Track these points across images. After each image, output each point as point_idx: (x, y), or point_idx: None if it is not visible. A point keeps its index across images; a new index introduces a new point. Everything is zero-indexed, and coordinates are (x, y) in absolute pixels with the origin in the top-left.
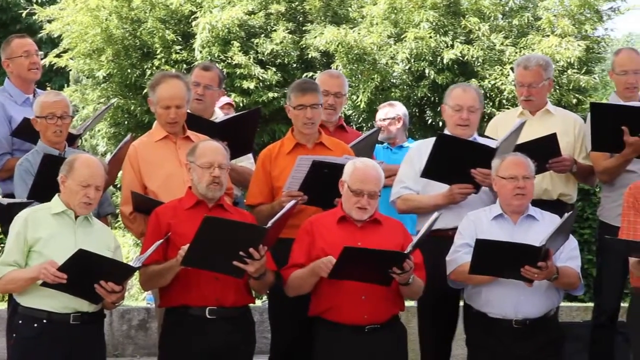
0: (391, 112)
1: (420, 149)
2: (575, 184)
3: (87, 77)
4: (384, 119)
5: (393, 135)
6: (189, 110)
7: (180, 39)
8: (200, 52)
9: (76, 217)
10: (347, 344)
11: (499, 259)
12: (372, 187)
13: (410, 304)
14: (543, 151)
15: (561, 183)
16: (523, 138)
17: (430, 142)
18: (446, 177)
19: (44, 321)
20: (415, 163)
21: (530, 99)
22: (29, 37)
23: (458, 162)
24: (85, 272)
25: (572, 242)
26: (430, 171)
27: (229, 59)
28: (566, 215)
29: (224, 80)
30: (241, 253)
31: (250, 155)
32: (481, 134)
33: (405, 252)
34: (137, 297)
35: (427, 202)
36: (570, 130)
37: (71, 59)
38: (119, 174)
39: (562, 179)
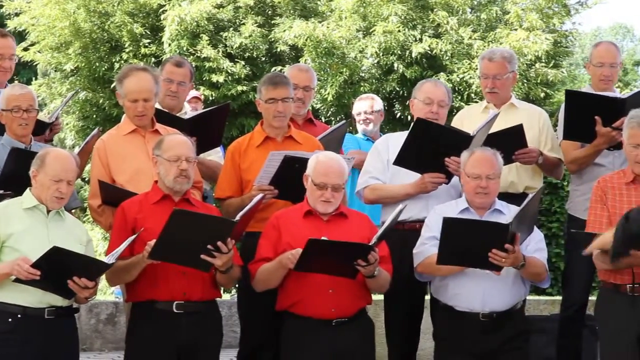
0: (376, 106)
1: (388, 141)
2: (541, 177)
3: (55, 71)
4: (371, 112)
5: (377, 129)
6: (158, 106)
7: (148, 32)
8: (169, 45)
9: (48, 211)
10: (314, 338)
11: (466, 241)
12: (335, 180)
13: (378, 297)
14: (509, 142)
15: (527, 176)
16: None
17: (398, 135)
18: (419, 165)
19: (19, 316)
20: (383, 154)
21: (495, 91)
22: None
23: (432, 150)
24: (59, 268)
25: (538, 235)
26: (404, 158)
27: (198, 52)
28: (531, 194)
29: (194, 75)
30: (209, 246)
31: (219, 149)
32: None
33: (370, 244)
34: (105, 291)
35: (397, 191)
36: (535, 123)
37: (39, 52)
38: (87, 168)
39: (528, 172)
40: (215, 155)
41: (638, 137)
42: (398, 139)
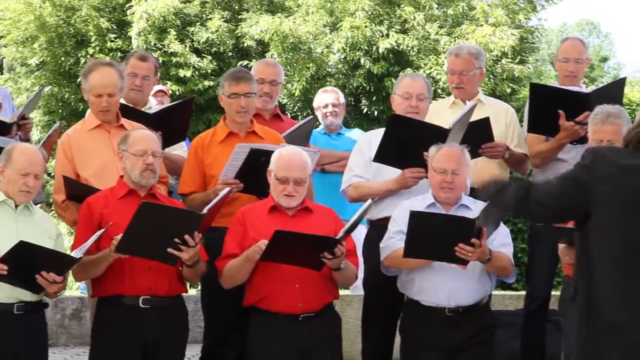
0: (341, 98)
1: (371, 139)
2: (507, 173)
3: (21, 65)
4: (337, 104)
5: (340, 122)
6: (123, 101)
7: (114, 27)
8: (137, 40)
9: (16, 206)
10: (281, 333)
11: (433, 236)
12: (297, 174)
13: (344, 292)
14: (476, 135)
15: (496, 173)
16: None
17: (379, 131)
18: (399, 160)
19: None
20: (366, 152)
21: (461, 87)
22: None
23: (411, 144)
24: (27, 263)
25: (504, 230)
26: (383, 154)
27: (165, 47)
28: None
29: (159, 69)
30: (176, 240)
31: (183, 144)
32: None
33: (337, 237)
34: (70, 286)
35: (379, 188)
36: (502, 118)
37: (4, 46)
38: (52, 162)
39: (497, 170)
40: (180, 150)
41: (602, 134)
42: (379, 134)
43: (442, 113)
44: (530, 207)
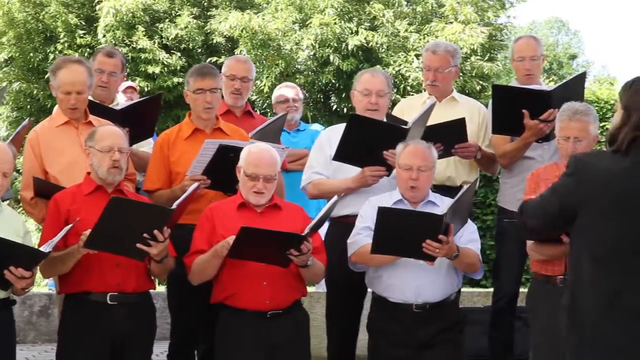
0: (300, 94)
1: (330, 135)
2: (477, 172)
3: None
4: (297, 100)
5: (297, 118)
6: (91, 97)
7: (83, 23)
8: (104, 36)
9: None
10: (249, 330)
11: (401, 232)
12: (266, 171)
13: (313, 289)
14: (450, 135)
15: (464, 171)
16: (429, 123)
17: (339, 127)
18: (358, 159)
19: None
20: (326, 149)
21: (436, 84)
22: None
23: (370, 144)
24: None
25: (472, 226)
26: (342, 154)
27: (134, 43)
28: (466, 186)
29: (127, 65)
30: (145, 235)
31: (150, 140)
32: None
33: (303, 234)
34: (39, 282)
35: (339, 186)
36: (475, 117)
37: None
38: (21, 159)
39: (465, 167)
40: (147, 147)
41: (569, 130)
42: (339, 131)
43: (416, 109)
44: (523, 220)
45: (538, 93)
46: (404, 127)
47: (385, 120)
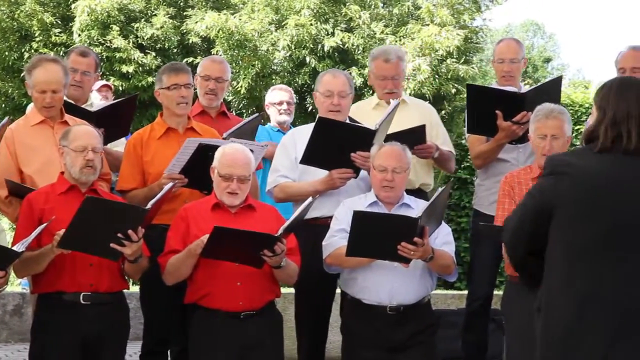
0: (293, 97)
1: (295, 137)
2: (433, 173)
3: None
4: (290, 103)
5: (290, 120)
6: (65, 97)
7: (59, 21)
8: (79, 35)
9: None
10: (222, 331)
11: (376, 234)
12: (241, 171)
13: (286, 290)
14: (411, 140)
15: (423, 173)
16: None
17: (303, 128)
18: (326, 162)
19: None
20: (291, 151)
21: (394, 92)
22: None
23: (338, 146)
24: None
25: (446, 228)
26: (310, 157)
27: (108, 42)
28: (440, 189)
29: (100, 65)
30: (119, 235)
31: (124, 140)
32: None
33: (276, 235)
34: (12, 282)
35: (306, 189)
36: (427, 118)
37: None
38: None
39: (424, 169)
40: (121, 146)
41: (544, 128)
42: (304, 133)
43: (366, 114)
44: (505, 236)
45: (511, 95)
46: (371, 129)
47: (348, 121)
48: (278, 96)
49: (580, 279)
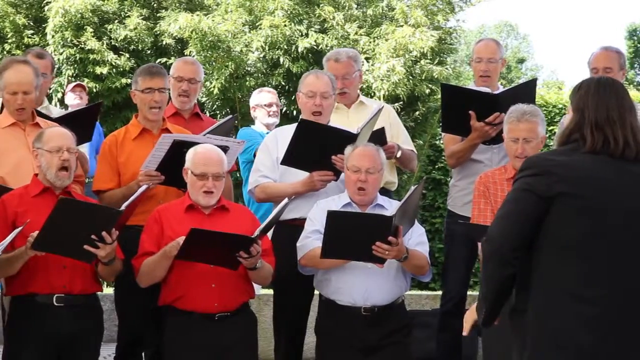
0: (278, 100)
1: (277, 137)
2: (396, 171)
3: None
4: (278, 105)
5: (276, 123)
6: None
7: (32, 23)
8: (53, 36)
9: None
10: (197, 332)
11: (350, 235)
12: (215, 169)
13: (260, 292)
14: (373, 142)
15: (387, 172)
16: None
17: (285, 129)
18: (306, 164)
19: None
20: (272, 152)
21: (345, 92)
22: None
23: (319, 149)
24: None
25: (420, 229)
26: (290, 158)
27: (82, 44)
28: (413, 188)
29: (55, 66)
30: (93, 237)
31: (86, 146)
32: None
33: (253, 236)
34: None
35: (287, 190)
36: (386, 118)
37: None
38: None
39: (387, 169)
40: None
41: (517, 132)
42: (286, 133)
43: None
44: (485, 249)
45: (485, 95)
46: (353, 132)
47: (330, 122)
48: (267, 98)
49: (573, 275)
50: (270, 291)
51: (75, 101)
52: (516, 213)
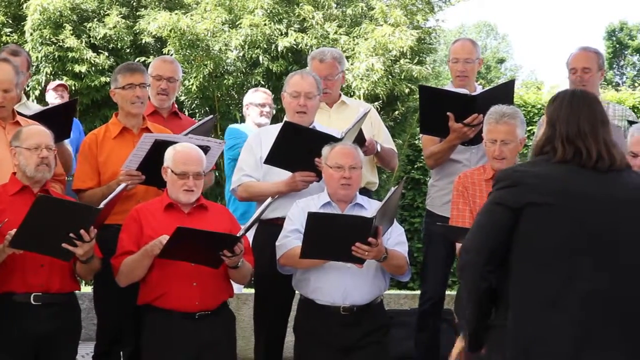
0: (272, 101)
1: (261, 136)
2: (377, 171)
3: None
4: (271, 106)
5: (268, 123)
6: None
7: (10, 21)
8: (31, 34)
9: None
10: (177, 331)
11: (330, 236)
12: (195, 168)
13: (239, 291)
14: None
15: (368, 172)
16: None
17: (269, 128)
18: (290, 164)
19: None
20: (256, 151)
21: (327, 92)
22: None
23: (303, 151)
24: None
25: (399, 229)
26: (274, 158)
27: (61, 42)
28: (393, 189)
29: (32, 64)
30: (71, 235)
31: (66, 142)
32: None
33: (237, 235)
34: None
35: (269, 190)
36: (367, 117)
37: None
38: None
39: (368, 169)
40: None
41: (495, 133)
42: (270, 133)
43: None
44: (463, 259)
45: (463, 97)
46: (337, 137)
47: (315, 124)
48: (261, 98)
49: (549, 284)
50: (250, 290)
51: (56, 100)
52: (489, 225)
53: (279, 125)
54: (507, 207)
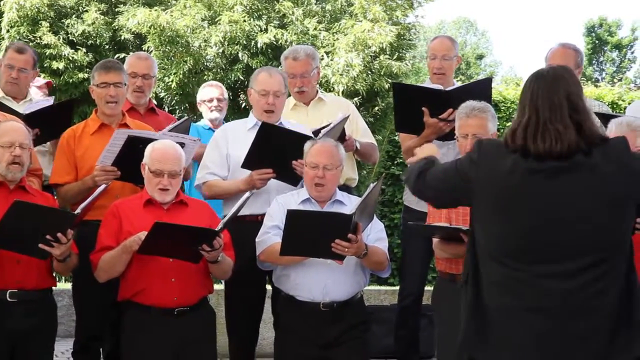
0: (225, 93)
1: (226, 133)
2: (356, 167)
3: None
4: (222, 99)
5: (221, 117)
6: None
7: None
8: (8, 31)
9: None
10: (156, 327)
11: (310, 233)
12: (171, 167)
13: (219, 286)
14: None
15: (348, 168)
16: (311, 127)
17: (235, 124)
18: (267, 167)
19: None
20: (222, 148)
21: (303, 90)
22: None
23: (280, 152)
24: None
25: (379, 225)
26: (251, 161)
27: (38, 39)
28: (372, 185)
29: (38, 62)
30: (48, 237)
31: None
32: None
33: (216, 229)
34: None
35: (229, 188)
36: (345, 112)
37: None
38: None
39: (348, 165)
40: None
41: (467, 127)
42: (236, 128)
43: (285, 115)
44: (420, 184)
45: (437, 92)
46: (315, 138)
47: (282, 121)
48: (208, 93)
49: (500, 274)
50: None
51: (40, 97)
52: (443, 180)
53: (245, 120)
54: (460, 178)
